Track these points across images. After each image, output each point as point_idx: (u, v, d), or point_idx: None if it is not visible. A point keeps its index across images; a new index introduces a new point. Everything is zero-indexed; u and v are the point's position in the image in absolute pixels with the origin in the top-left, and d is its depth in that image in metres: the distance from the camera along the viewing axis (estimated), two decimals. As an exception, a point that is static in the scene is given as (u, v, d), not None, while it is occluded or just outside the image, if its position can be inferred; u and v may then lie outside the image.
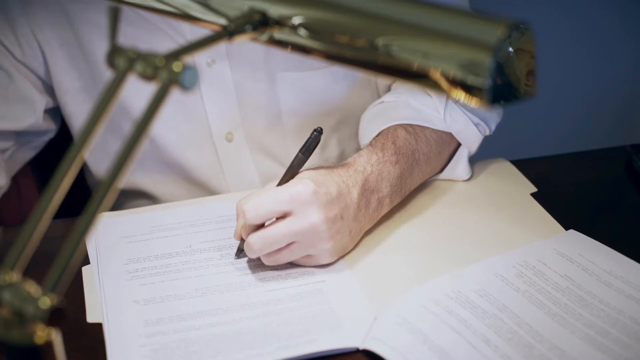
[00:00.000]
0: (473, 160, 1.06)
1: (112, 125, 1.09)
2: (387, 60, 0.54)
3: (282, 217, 0.84)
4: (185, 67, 0.50)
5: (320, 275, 0.86)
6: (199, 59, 1.05)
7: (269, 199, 0.84)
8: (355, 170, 0.90)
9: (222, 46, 1.05)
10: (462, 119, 1.01)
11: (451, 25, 0.52)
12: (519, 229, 0.93)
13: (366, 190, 0.90)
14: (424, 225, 0.94)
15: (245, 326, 0.78)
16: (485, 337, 0.75)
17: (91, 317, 0.81)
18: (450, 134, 1.01)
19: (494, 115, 1.06)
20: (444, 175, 1.04)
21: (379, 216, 0.94)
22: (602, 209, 0.99)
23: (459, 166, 1.04)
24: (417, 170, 0.98)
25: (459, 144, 1.03)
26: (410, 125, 0.99)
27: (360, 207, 0.89)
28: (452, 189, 1.02)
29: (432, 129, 1.00)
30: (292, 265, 0.87)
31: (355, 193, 0.88)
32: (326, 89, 1.09)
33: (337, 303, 0.81)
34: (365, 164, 0.92)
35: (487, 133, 1.04)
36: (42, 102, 1.08)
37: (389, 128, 0.98)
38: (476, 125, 1.02)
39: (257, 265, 0.88)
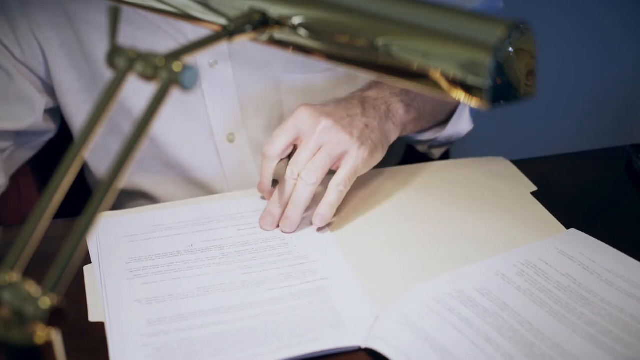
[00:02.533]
0: (473, 157, 1.06)
1: (112, 125, 1.09)
2: (387, 60, 0.54)
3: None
4: (185, 67, 0.50)
5: (322, 273, 0.86)
6: (201, 59, 1.05)
7: (277, 131, 0.91)
8: (352, 95, 0.97)
9: (224, 47, 1.05)
10: None
11: (451, 25, 0.52)
12: (519, 229, 0.93)
13: (367, 99, 0.96)
14: (425, 224, 0.95)
15: (246, 325, 0.78)
16: (487, 335, 0.75)
17: (93, 317, 0.81)
18: None
19: None
20: (450, 128, 1.08)
21: (399, 120, 0.98)
22: (602, 209, 0.99)
23: (463, 117, 1.07)
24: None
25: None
26: None
27: (366, 108, 0.94)
28: (453, 187, 1.02)
29: None
30: (293, 263, 0.87)
31: (355, 102, 0.94)
32: (329, 91, 1.09)
33: (339, 302, 0.81)
34: (360, 89, 0.98)
35: None
36: (41, 102, 1.08)
37: None
38: None
39: (258, 263, 0.88)
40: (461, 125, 1.09)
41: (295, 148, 0.93)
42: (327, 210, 0.91)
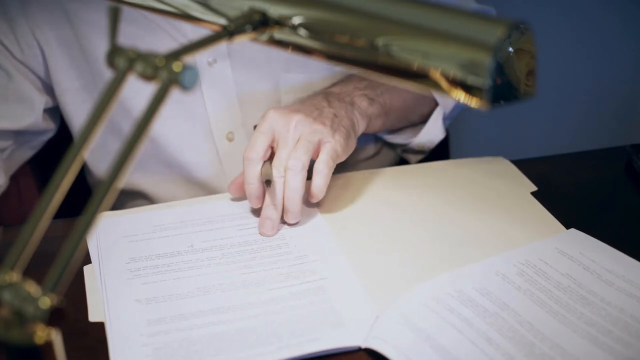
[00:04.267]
0: (473, 157, 1.06)
1: (112, 125, 1.09)
2: (387, 60, 0.54)
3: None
4: (185, 67, 0.50)
5: (321, 273, 0.86)
6: (199, 58, 1.05)
7: (254, 136, 0.93)
8: (316, 93, 1.01)
9: (223, 45, 1.05)
10: None
11: (451, 25, 0.52)
12: (519, 229, 0.93)
13: (331, 93, 1.00)
14: (425, 224, 0.95)
15: (247, 325, 0.78)
16: (487, 335, 0.75)
17: (93, 317, 0.81)
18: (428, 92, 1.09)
19: None
20: (423, 135, 1.11)
21: (364, 111, 1.01)
22: (602, 209, 0.99)
23: (437, 125, 1.11)
24: (392, 87, 1.05)
25: (435, 106, 1.11)
26: None
27: (330, 101, 0.98)
28: (452, 188, 1.02)
29: None
30: (293, 263, 0.87)
31: (319, 97, 0.98)
32: None
33: (339, 302, 0.81)
34: (323, 88, 1.02)
35: None
36: (41, 101, 1.09)
37: None
38: None
39: (258, 263, 0.88)
40: (434, 132, 1.12)
41: (272, 153, 0.94)
42: (317, 193, 0.93)
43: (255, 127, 0.96)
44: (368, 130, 1.04)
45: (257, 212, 0.95)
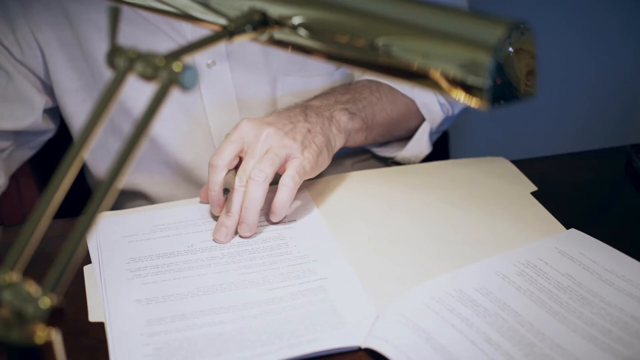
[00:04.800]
0: (473, 158, 1.06)
1: (112, 125, 1.09)
2: (387, 60, 0.54)
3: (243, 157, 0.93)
4: (185, 67, 0.50)
5: (321, 273, 0.86)
6: (199, 60, 1.05)
7: (222, 143, 0.93)
8: (295, 105, 0.99)
9: (222, 48, 1.05)
10: (429, 95, 1.07)
11: (451, 25, 0.52)
12: (519, 228, 0.93)
13: (310, 107, 0.98)
14: (425, 224, 0.95)
15: (247, 325, 0.78)
16: (487, 335, 0.75)
17: (93, 317, 0.81)
18: (415, 107, 1.08)
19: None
20: (408, 149, 1.11)
21: (342, 127, 1.00)
22: (602, 209, 0.99)
23: (423, 140, 1.10)
24: (376, 102, 1.03)
25: (421, 121, 1.11)
26: (377, 80, 1.04)
27: (308, 115, 0.96)
28: (452, 188, 1.02)
29: (399, 92, 1.07)
30: (293, 263, 0.87)
31: (297, 110, 0.96)
32: None
33: (339, 302, 0.81)
34: (304, 100, 1.01)
35: (450, 114, 1.12)
36: (41, 102, 1.09)
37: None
38: (441, 104, 1.09)
39: (258, 263, 0.88)
40: (420, 147, 1.11)
41: (241, 161, 0.93)
42: (279, 208, 0.92)
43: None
44: (349, 145, 1.04)
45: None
